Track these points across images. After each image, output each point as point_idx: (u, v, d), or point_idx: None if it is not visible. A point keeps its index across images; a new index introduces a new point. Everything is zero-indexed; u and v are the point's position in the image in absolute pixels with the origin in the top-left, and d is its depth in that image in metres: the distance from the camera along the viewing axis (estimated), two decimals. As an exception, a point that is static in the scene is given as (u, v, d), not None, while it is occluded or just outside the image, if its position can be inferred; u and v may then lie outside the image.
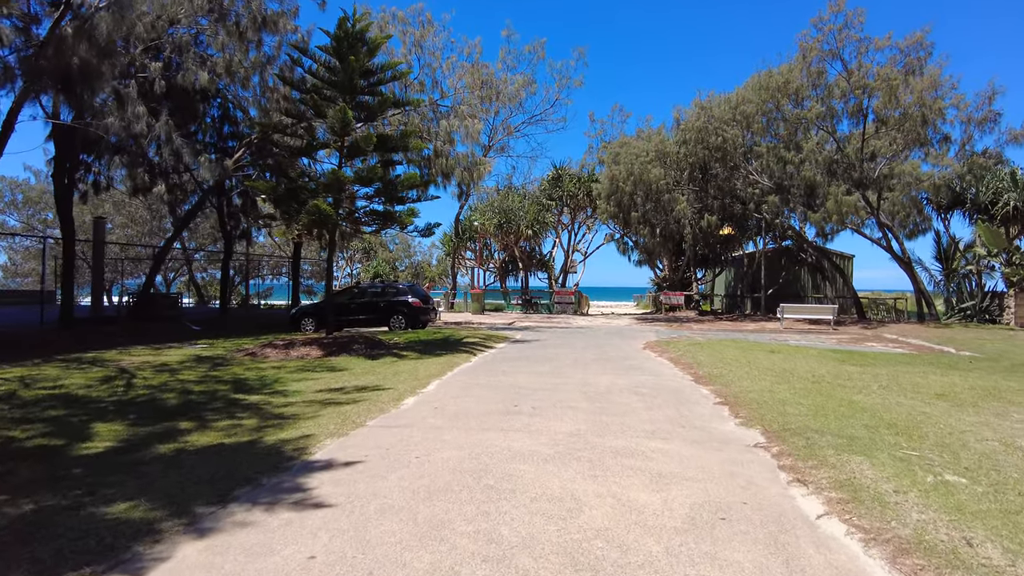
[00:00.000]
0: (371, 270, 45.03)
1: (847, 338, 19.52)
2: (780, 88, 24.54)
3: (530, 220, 31.78)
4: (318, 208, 10.96)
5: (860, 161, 23.66)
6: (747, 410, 7.08)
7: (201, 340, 15.58)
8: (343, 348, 12.57)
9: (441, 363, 10.99)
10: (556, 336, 17.80)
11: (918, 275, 25.49)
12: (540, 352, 13.19)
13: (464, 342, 14.70)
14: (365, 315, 19.56)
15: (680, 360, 11.71)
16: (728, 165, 26.71)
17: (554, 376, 9.67)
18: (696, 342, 14.72)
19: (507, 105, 24.85)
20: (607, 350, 13.74)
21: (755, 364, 11.08)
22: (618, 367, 10.80)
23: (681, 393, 8.29)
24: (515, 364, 11.12)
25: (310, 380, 9.37)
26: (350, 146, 12.02)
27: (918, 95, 22.37)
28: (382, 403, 7.44)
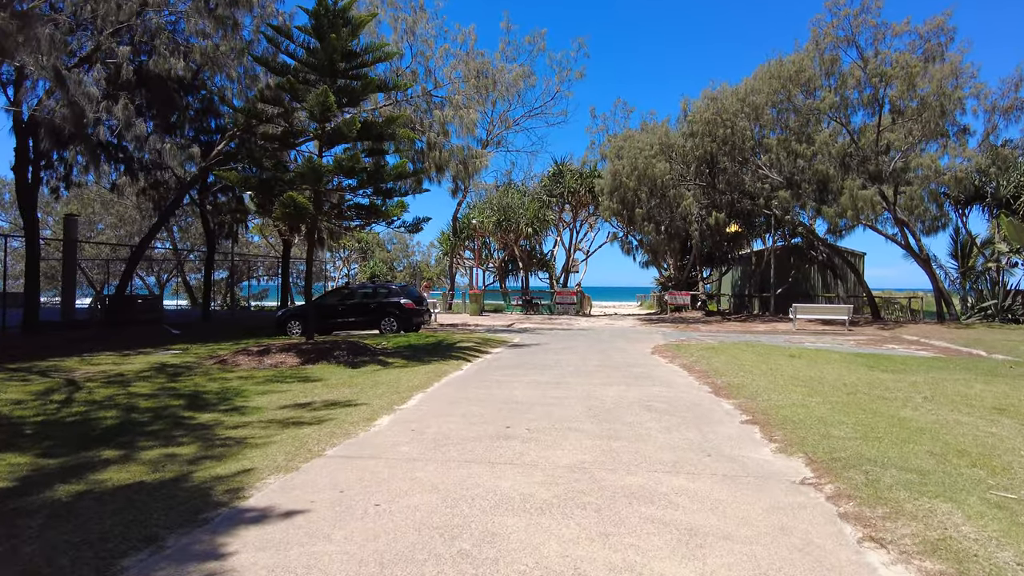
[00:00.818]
0: (368, 270, 43.95)
1: (864, 340, 18.42)
2: (792, 77, 23.41)
3: (530, 218, 30.65)
4: (292, 200, 9.87)
5: (875, 154, 22.52)
6: (782, 431, 5.96)
7: (176, 345, 14.51)
8: (323, 355, 11.47)
9: (429, 372, 9.88)
10: (557, 339, 16.69)
11: (937, 273, 24.33)
12: (539, 358, 12.08)
13: (457, 347, 13.60)
14: (355, 317, 18.46)
15: (694, 367, 10.59)
16: (737, 159, 25.58)
17: (554, 387, 8.56)
18: (708, 346, 13.61)
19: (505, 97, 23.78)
20: (612, 355, 12.63)
21: (778, 371, 9.97)
22: (626, 376, 9.69)
23: (701, 408, 7.17)
24: (511, 373, 10.01)
25: (277, 393, 8.27)
26: (331, 132, 10.93)
27: (937, 83, 21.22)
28: (351, 424, 6.33)
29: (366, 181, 11.27)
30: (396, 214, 11.03)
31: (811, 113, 23.79)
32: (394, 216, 11.01)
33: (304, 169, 10.17)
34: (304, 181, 10.52)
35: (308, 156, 10.03)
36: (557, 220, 35.02)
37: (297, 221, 10.82)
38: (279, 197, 10.29)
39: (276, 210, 10.13)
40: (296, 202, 9.92)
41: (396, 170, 10.96)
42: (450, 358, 11.69)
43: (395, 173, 11.01)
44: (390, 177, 11.11)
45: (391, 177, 11.12)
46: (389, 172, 11.00)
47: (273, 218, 10.47)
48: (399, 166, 10.97)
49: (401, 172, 11.09)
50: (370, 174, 11.12)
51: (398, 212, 11.00)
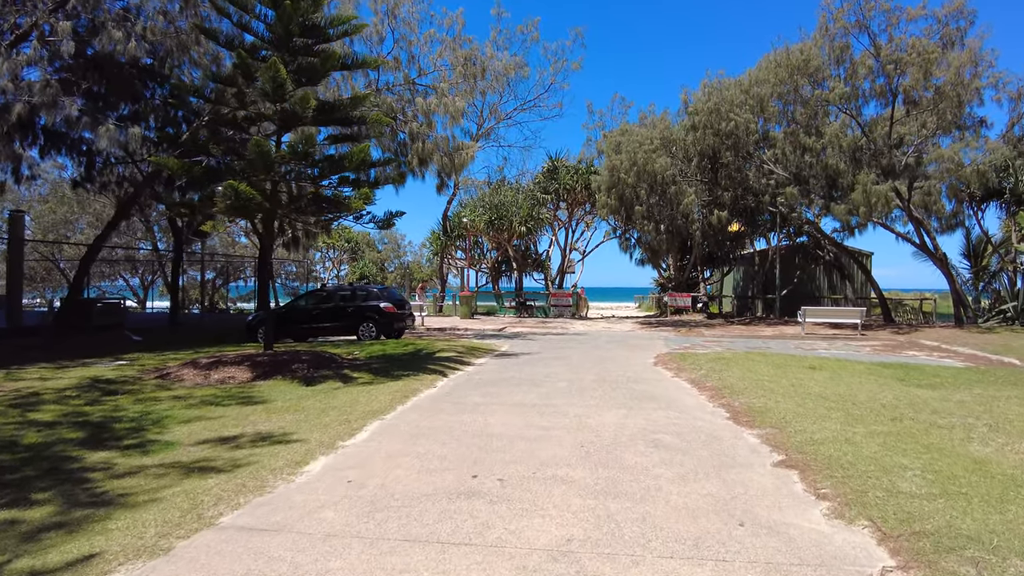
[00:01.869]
0: (357, 271, 42.45)
1: (880, 345, 17.09)
2: (799, 67, 22.03)
3: (524, 216, 29.22)
4: (234, 190, 8.46)
5: (888, 147, 21.17)
6: (830, 480, 4.57)
7: (128, 355, 13.07)
8: (280, 368, 10.05)
9: (395, 391, 8.46)
10: (550, 346, 15.29)
11: (954, 274, 23.00)
12: (527, 371, 10.67)
13: (437, 357, 12.18)
14: (330, 323, 17.03)
15: (704, 383, 9.19)
16: (740, 154, 24.19)
17: (540, 412, 7.15)
18: (717, 356, 12.21)
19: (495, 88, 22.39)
20: (610, 367, 11.23)
21: (801, 388, 8.59)
22: (626, 395, 8.29)
23: (720, 443, 5.77)
24: (492, 392, 8.60)
25: (205, 420, 6.85)
26: (284, 113, 9.52)
27: (955, 71, 19.88)
28: (273, 471, 4.92)
29: (327, 169, 9.86)
30: (358, 206, 9.60)
31: (819, 104, 22.42)
32: (356, 208, 9.58)
33: (251, 154, 8.76)
34: (254, 169, 9.11)
35: (256, 139, 8.62)
36: (552, 219, 33.61)
37: (245, 215, 9.42)
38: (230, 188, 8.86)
39: (218, 202, 8.73)
40: (239, 192, 8.51)
41: (358, 156, 9.53)
42: (425, 372, 10.27)
43: (358, 160, 9.57)
44: (352, 164, 9.68)
45: (353, 165, 9.69)
46: (351, 159, 9.56)
47: (216, 212, 9.07)
48: (361, 150, 9.51)
49: (364, 159, 9.66)
50: (331, 162, 9.71)
51: (360, 204, 9.57)
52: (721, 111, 23.32)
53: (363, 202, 9.55)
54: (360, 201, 9.54)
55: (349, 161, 9.66)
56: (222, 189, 8.62)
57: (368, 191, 9.73)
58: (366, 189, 9.75)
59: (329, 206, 9.92)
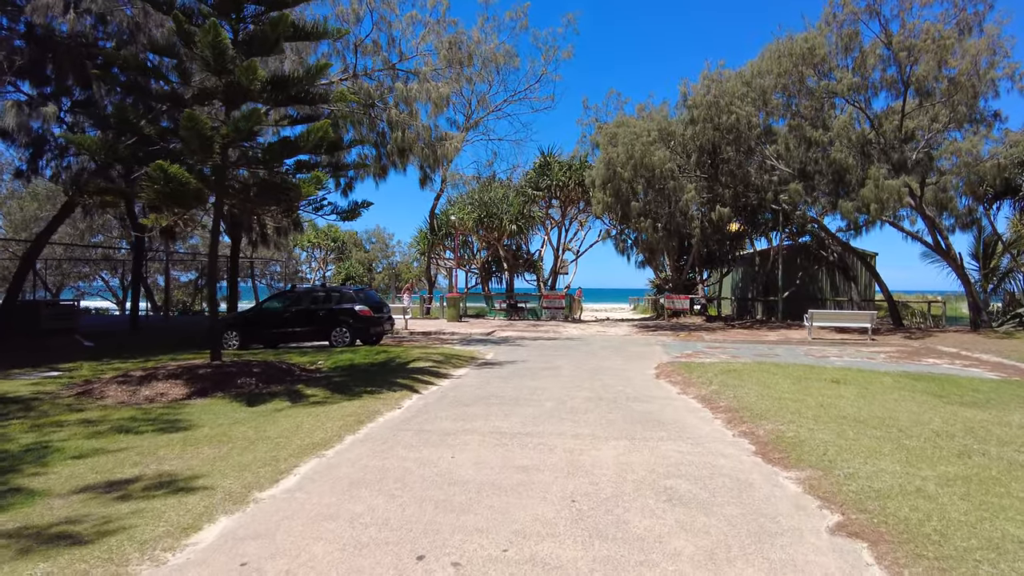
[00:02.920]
0: (344, 271, 40.95)
1: (895, 352, 15.87)
2: (804, 56, 20.79)
3: (514, 214, 27.85)
4: (163, 172, 7.09)
5: (899, 141, 19.97)
6: (921, 566, 3.24)
7: (70, 364, 11.63)
8: (223, 383, 8.66)
9: (350, 414, 7.08)
10: (540, 354, 13.94)
11: (969, 276, 21.83)
12: (512, 386, 9.31)
13: (410, 368, 10.79)
14: (301, 327, 15.60)
15: (717, 401, 7.86)
16: (741, 149, 22.92)
17: (523, 444, 5.80)
18: (726, 367, 10.89)
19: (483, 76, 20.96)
20: (606, 379, 9.89)
21: (831, 409, 7.28)
22: (627, 419, 6.94)
23: (753, 495, 4.44)
24: (466, 415, 7.24)
25: (103, 455, 5.46)
26: (229, 87, 8.16)
27: (971, 60, 18.71)
28: (144, 544, 3.55)
29: (280, 152, 8.50)
30: (309, 191, 8.20)
31: (826, 96, 21.22)
32: (307, 194, 8.19)
33: (184, 131, 7.38)
34: (190, 149, 7.73)
35: (187, 112, 7.26)
36: (544, 217, 32.26)
37: (182, 203, 8.03)
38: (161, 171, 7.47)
39: (147, 188, 7.36)
40: (169, 175, 7.15)
41: (315, 135, 8.16)
42: (393, 387, 8.88)
43: (315, 140, 8.21)
44: (308, 145, 8.31)
45: (310, 145, 8.32)
46: (307, 139, 8.19)
47: (146, 199, 7.69)
48: (318, 129, 8.14)
49: (323, 138, 8.28)
50: (284, 143, 8.36)
51: (311, 189, 8.17)
52: (721, 104, 22.05)
53: (314, 187, 8.17)
54: (311, 186, 8.16)
55: (305, 141, 8.29)
56: (150, 171, 7.24)
57: (320, 174, 8.34)
58: (318, 172, 8.36)
59: (276, 193, 8.53)
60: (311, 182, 8.20)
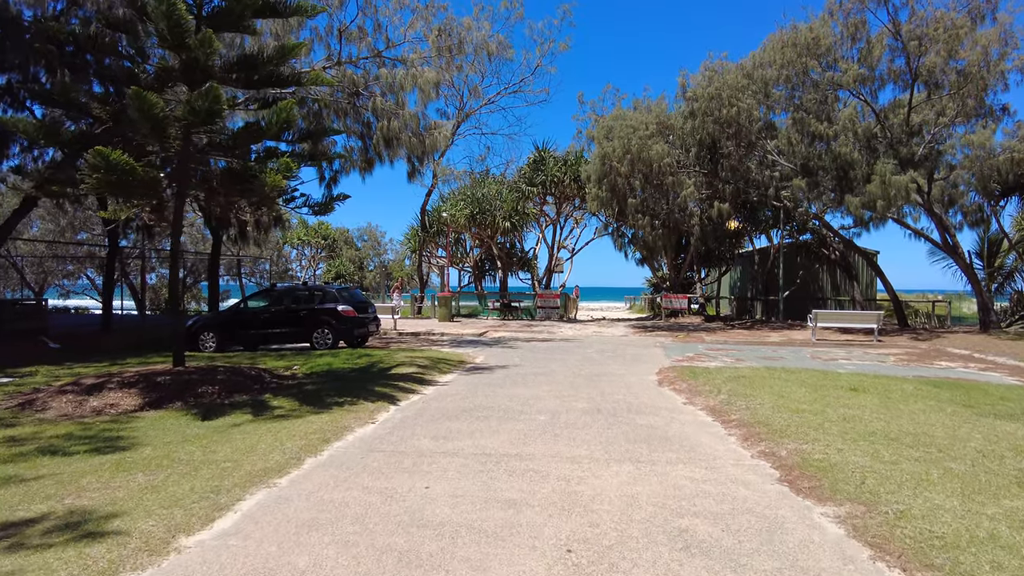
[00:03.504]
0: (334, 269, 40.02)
1: (904, 354, 15.18)
2: (808, 46, 20.05)
3: (507, 210, 27.01)
4: (103, 158, 6.26)
5: (906, 135, 19.26)
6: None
7: (26, 368, 10.77)
8: (182, 392, 7.83)
9: (315, 430, 6.26)
10: (533, 357, 13.15)
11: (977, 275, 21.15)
12: (501, 395, 8.51)
13: (392, 374, 9.97)
14: (281, 328, 14.77)
15: (728, 414, 7.08)
16: (742, 143, 22.17)
17: (510, 471, 4.99)
18: (735, 373, 10.10)
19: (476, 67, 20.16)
20: (605, 387, 9.10)
21: (857, 423, 6.51)
22: (629, 435, 6.15)
23: (785, 539, 3.64)
24: (448, 431, 6.43)
25: (15, 486, 4.62)
26: (188, 65, 7.33)
27: (981, 51, 18.00)
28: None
29: (244, 137, 7.67)
30: (274, 181, 7.36)
31: (830, 89, 20.47)
32: (272, 184, 7.35)
33: (133, 112, 6.54)
34: (140, 132, 6.90)
35: (134, 90, 6.44)
36: (539, 214, 31.45)
37: (129, 193, 7.19)
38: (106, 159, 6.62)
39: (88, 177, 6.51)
40: (111, 162, 6.32)
41: (280, 118, 7.32)
42: (370, 397, 8.06)
43: (280, 123, 7.37)
44: (273, 130, 7.48)
45: (274, 130, 7.49)
46: (272, 123, 7.35)
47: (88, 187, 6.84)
48: (282, 110, 7.28)
49: (289, 120, 7.43)
50: (249, 129, 7.53)
51: (277, 179, 7.33)
52: (722, 96, 21.28)
53: (279, 176, 7.33)
54: (277, 175, 7.33)
55: (269, 126, 7.46)
56: (89, 157, 6.40)
57: (288, 161, 7.50)
58: (286, 159, 7.53)
59: (241, 183, 7.69)
60: (277, 170, 7.36)
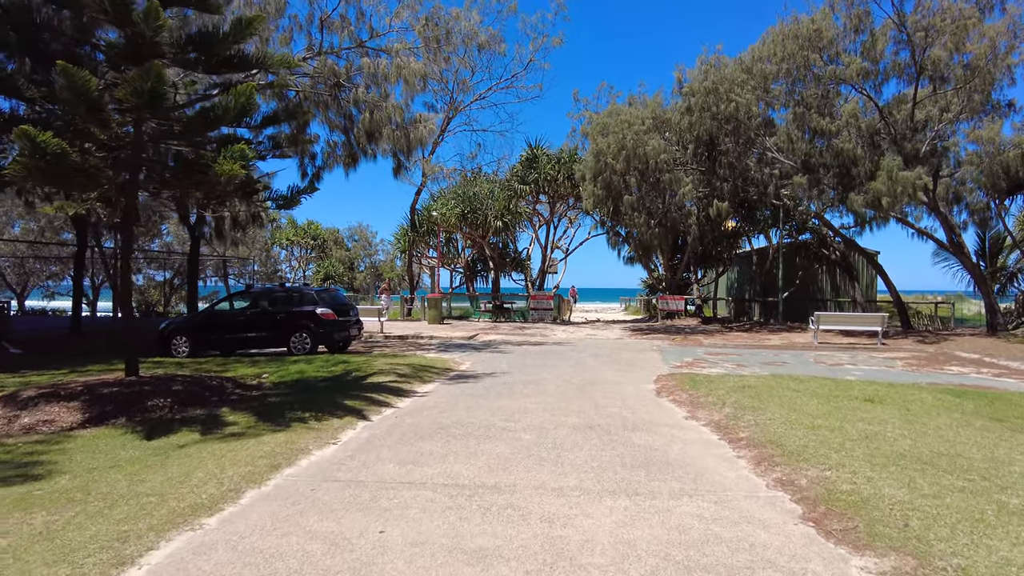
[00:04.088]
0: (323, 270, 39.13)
1: (912, 359, 14.51)
2: (810, 39, 19.37)
3: (499, 209, 26.24)
4: (28, 139, 5.47)
5: (910, 130, 18.60)
6: None
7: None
8: (130, 406, 7.03)
9: (266, 453, 5.47)
10: (523, 362, 12.38)
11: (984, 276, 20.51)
12: (485, 409, 7.74)
13: (367, 384, 9.18)
14: (257, 332, 13.96)
15: (736, 431, 6.33)
16: (740, 140, 21.47)
17: (485, 507, 4.23)
18: (740, 383, 9.36)
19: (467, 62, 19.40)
20: (599, 398, 8.35)
21: (882, 442, 5.78)
22: (625, 459, 5.39)
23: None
24: (418, 455, 5.66)
25: None
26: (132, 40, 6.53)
27: (989, 43, 17.37)
28: None
29: (198, 124, 6.89)
30: (227, 170, 6.54)
31: (832, 83, 19.79)
32: (225, 173, 6.55)
33: (63, 91, 5.76)
34: (77, 116, 6.12)
35: (61, 64, 5.66)
36: (532, 213, 30.70)
37: (66, 183, 6.41)
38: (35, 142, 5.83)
39: (11, 163, 5.74)
40: (36, 144, 5.52)
41: (238, 103, 6.52)
42: (337, 411, 7.28)
43: (236, 108, 6.57)
44: (231, 115, 6.69)
45: (232, 115, 6.70)
46: (229, 108, 6.56)
47: (9, 175, 6.06)
48: (240, 93, 6.49)
49: (246, 104, 6.64)
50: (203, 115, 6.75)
51: (232, 168, 6.51)
52: (720, 91, 20.59)
53: (232, 164, 6.53)
54: (230, 163, 6.53)
55: (225, 110, 6.67)
56: (14, 138, 5.62)
57: (243, 148, 6.69)
58: (240, 146, 6.72)
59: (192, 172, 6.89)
60: (232, 158, 6.55)
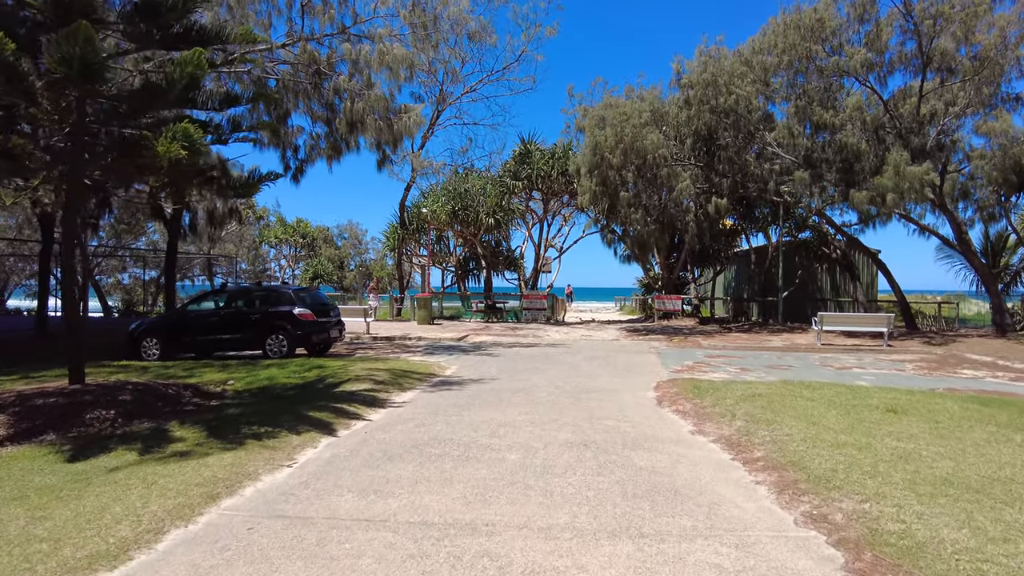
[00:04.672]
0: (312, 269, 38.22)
1: (921, 362, 13.84)
2: (812, 29, 18.66)
3: (491, 206, 25.45)
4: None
5: (919, 123, 17.92)
6: None
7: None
8: (65, 419, 6.22)
9: (209, 479, 4.67)
10: (513, 367, 11.60)
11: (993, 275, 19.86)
12: (466, 422, 6.96)
13: (339, 392, 8.37)
14: (231, 334, 13.13)
15: (751, 450, 5.56)
16: (740, 134, 20.76)
17: (455, 556, 3.43)
18: (749, 391, 8.59)
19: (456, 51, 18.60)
20: (595, 408, 7.57)
21: (921, 466, 5.02)
22: (626, 486, 4.60)
23: None
24: (383, 482, 4.86)
25: None
26: (59, 5, 5.72)
27: (999, 32, 16.72)
28: None
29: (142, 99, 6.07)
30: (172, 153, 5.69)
31: (835, 75, 19.09)
32: (165, 154, 5.72)
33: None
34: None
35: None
36: (525, 210, 29.92)
37: None
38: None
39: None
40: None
41: (184, 72, 5.70)
42: (299, 425, 6.47)
43: (183, 79, 5.76)
44: (175, 89, 5.85)
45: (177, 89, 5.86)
46: (173, 81, 5.74)
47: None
48: (187, 62, 5.66)
49: (194, 76, 5.82)
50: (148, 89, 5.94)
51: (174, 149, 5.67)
52: (719, 83, 19.87)
53: (177, 145, 5.71)
54: (172, 143, 5.70)
55: (172, 83, 5.86)
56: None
57: (188, 127, 5.87)
58: (185, 124, 5.90)
59: (132, 155, 6.08)
60: (173, 138, 5.71)
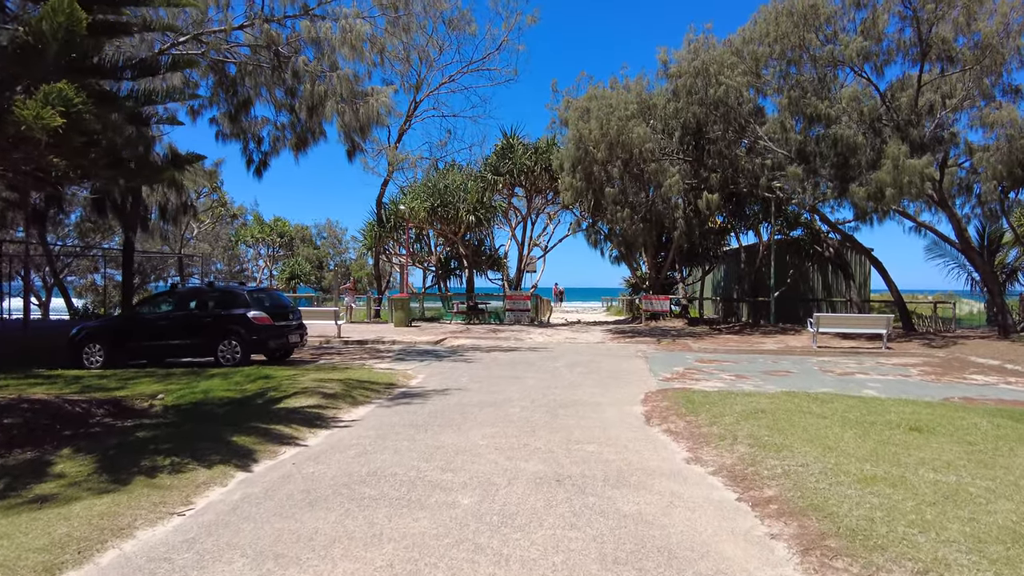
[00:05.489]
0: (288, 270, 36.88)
1: (925, 365, 13.02)
2: (806, 16, 17.77)
3: (472, 202, 24.37)
4: None
5: (917, 115, 17.10)
6: None
7: None
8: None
9: (61, 537, 3.54)
10: (487, 375, 10.54)
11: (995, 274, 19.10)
12: (418, 448, 5.88)
13: (279, 409, 7.25)
14: (181, 339, 11.95)
15: (760, 488, 4.54)
16: (731, 127, 19.86)
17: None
18: (751, 407, 7.57)
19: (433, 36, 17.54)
20: (572, 430, 6.52)
21: (977, 510, 4.03)
22: (605, 549, 3.54)
23: None
24: (292, 541, 3.77)
25: None
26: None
27: (1001, 20, 15.93)
28: None
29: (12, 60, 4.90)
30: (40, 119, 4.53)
31: (829, 65, 18.24)
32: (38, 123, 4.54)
33: None
34: None
35: None
36: (508, 208, 28.88)
37: None
38: None
39: None
40: None
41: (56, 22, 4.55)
42: (212, 454, 5.36)
43: (54, 32, 4.55)
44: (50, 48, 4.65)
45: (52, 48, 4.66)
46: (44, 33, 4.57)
47: None
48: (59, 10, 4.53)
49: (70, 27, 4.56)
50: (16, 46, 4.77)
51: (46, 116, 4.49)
52: (709, 72, 18.93)
53: (49, 109, 4.57)
54: (42, 107, 4.58)
55: (42, 39, 4.69)
56: None
57: (63, 87, 4.69)
58: (61, 86, 4.73)
59: None
60: (43, 102, 4.56)
